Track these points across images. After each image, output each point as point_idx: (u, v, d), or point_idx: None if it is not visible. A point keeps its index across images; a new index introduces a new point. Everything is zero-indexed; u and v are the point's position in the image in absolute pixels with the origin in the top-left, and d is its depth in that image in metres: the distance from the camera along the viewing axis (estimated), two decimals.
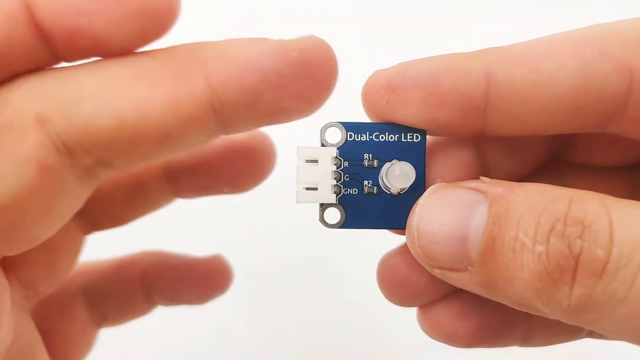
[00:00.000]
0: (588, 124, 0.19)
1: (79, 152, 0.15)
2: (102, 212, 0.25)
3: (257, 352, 0.40)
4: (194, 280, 0.27)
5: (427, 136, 0.20)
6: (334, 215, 0.20)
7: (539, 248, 0.16)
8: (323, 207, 0.20)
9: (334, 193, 0.19)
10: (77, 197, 0.17)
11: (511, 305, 0.18)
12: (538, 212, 0.16)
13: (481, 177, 0.18)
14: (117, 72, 0.16)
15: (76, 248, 0.24)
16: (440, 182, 0.20)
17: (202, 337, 0.41)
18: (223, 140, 0.24)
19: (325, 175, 0.19)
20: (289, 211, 0.35)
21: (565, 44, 0.18)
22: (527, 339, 0.22)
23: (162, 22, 0.16)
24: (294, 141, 0.20)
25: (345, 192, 0.20)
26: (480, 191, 0.18)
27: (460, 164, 0.20)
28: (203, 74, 0.16)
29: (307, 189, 0.19)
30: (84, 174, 0.16)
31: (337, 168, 0.20)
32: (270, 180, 0.25)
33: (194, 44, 0.17)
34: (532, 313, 0.17)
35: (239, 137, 0.25)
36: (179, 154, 0.18)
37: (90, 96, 0.15)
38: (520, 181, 0.22)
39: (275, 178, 0.25)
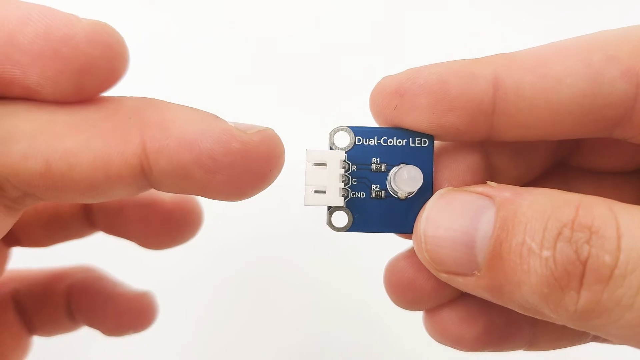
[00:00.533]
0: (595, 130, 0.19)
1: (6, 186, 0.16)
2: (21, 233, 0.25)
3: (257, 353, 0.40)
4: (111, 311, 0.27)
5: (434, 141, 0.20)
6: (341, 218, 0.20)
7: (546, 253, 0.16)
8: (330, 210, 0.20)
9: (342, 196, 0.19)
10: (3, 223, 0.17)
11: (518, 310, 0.18)
12: (545, 217, 0.16)
13: (488, 182, 0.19)
14: (56, 118, 0.16)
15: (1, 259, 0.24)
16: (447, 186, 0.20)
17: (199, 335, 0.41)
18: (149, 195, 0.25)
19: (333, 179, 0.19)
20: (296, 214, 0.35)
21: (573, 50, 0.18)
22: (533, 343, 0.22)
23: (103, 80, 0.16)
24: (303, 144, 0.21)
25: (353, 195, 0.20)
26: (487, 196, 0.18)
27: (467, 169, 0.20)
28: (141, 136, 0.16)
29: (315, 191, 0.19)
30: (11, 203, 0.17)
31: (345, 172, 0.20)
32: (280, 182, 0.25)
33: (144, 101, 0.17)
34: (539, 318, 0.17)
35: (164, 198, 0.25)
36: (103, 201, 0.18)
37: (24, 138, 0.15)
38: (526, 186, 0.22)
39: (285, 180, 0.25)
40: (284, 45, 0.48)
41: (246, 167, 0.16)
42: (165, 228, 0.25)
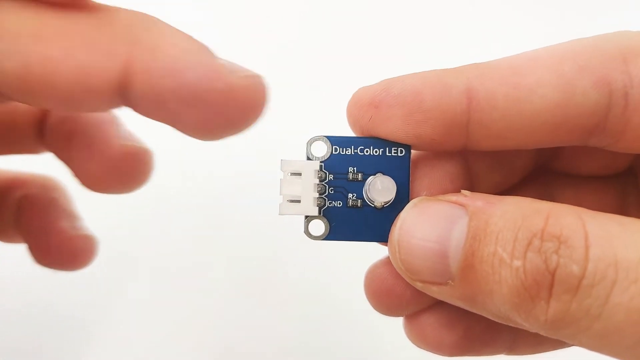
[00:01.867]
0: (569, 139, 0.19)
1: None
2: None
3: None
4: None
5: (412, 150, 0.20)
6: (318, 227, 0.20)
7: (517, 263, 0.16)
8: (308, 219, 0.20)
9: (317, 206, 0.20)
10: None
11: (492, 318, 0.18)
12: (516, 227, 0.16)
13: (462, 191, 0.19)
14: (44, 20, 0.15)
15: None
16: (425, 194, 0.20)
17: (191, 338, 0.41)
18: (99, 132, 0.23)
19: (308, 188, 0.19)
20: (275, 222, 0.35)
21: (545, 60, 0.18)
22: (513, 348, 0.22)
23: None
24: (280, 154, 0.21)
25: (330, 204, 0.20)
26: (460, 205, 0.18)
27: (446, 176, 0.21)
28: (127, 54, 0.15)
29: (291, 201, 0.20)
30: None
31: (322, 181, 0.20)
32: (259, 190, 0.25)
33: (140, 17, 0.16)
34: (513, 326, 0.18)
35: (114, 141, 0.23)
36: (76, 112, 0.18)
37: (7, 36, 0.15)
38: (507, 191, 0.23)
39: (263, 189, 0.25)
40: (265, 54, 0.48)
41: (224, 110, 0.16)
42: (108, 170, 0.23)
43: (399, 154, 0.20)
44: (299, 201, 0.19)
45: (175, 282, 0.42)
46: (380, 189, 0.19)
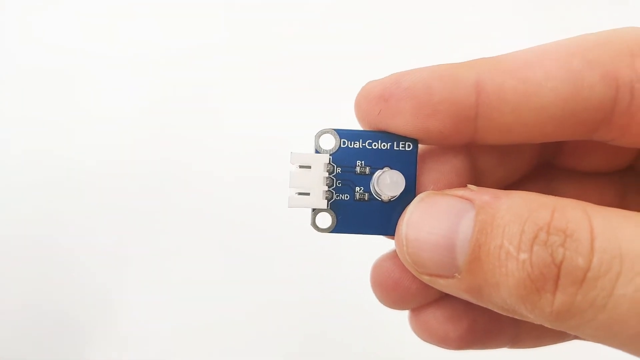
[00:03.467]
0: (576, 132, 0.19)
1: None
2: None
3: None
4: None
5: (419, 145, 0.20)
6: (325, 220, 0.20)
7: (523, 256, 0.16)
8: (315, 211, 0.20)
9: (326, 199, 0.20)
10: None
11: (497, 311, 0.18)
12: (522, 221, 0.17)
13: (468, 185, 0.19)
14: None
15: None
16: (432, 189, 0.20)
17: (200, 329, 0.41)
18: None
19: (317, 181, 0.19)
20: (282, 215, 0.35)
21: (554, 54, 0.18)
22: (516, 341, 0.22)
23: None
24: (289, 147, 0.21)
25: (337, 197, 0.20)
26: (467, 199, 0.18)
27: (453, 171, 0.21)
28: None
29: (299, 194, 0.20)
30: None
31: (330, 174, 0.20)
32: (265, 184, 0.25)
33: None
34: (518, 318, 0.18)
35: None
36: None
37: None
38: (511, 186, 0.23)
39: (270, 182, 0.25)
40: (274, 48, 0.48)
41: None
42: None
43: (407, 149, 0.20)
44: (308, 194, 0.20)
45: (178, 282, 0.42)
46: (389, 183, 0.19)
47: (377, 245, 0.23)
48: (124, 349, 0.41)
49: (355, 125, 0.21)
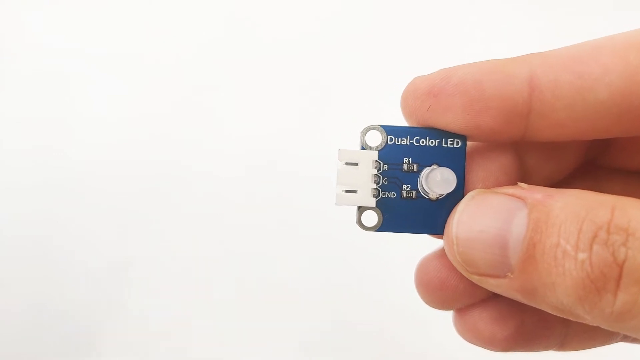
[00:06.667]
0: (631, 128, 0.18)
1: None
2: None
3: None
4: None
5: (467, 142, 0.20)
6: (371, 218, 0.20)
7: (582, 255, 0.16)
8: (360, 209, 0.20)
9: (373, 196, 0.19)
10: None
11: (550, 312, 0.18)
12: (580, 219, 0.16)
13: (519, 183, 0.18)
14: None
15: None
16: (481, 186, 0.20)
17: (194, 337, 0.41)
18: None
19: (365, 179, 0.19)
20: (324, 211, 0.35)
21: (610, 49, 0.18)
22: (564, 343, 0.22)
23: None
24: (333, 144, 0.21)
25: (383, 195, 0.20)
26: (519, 197, 0.18)
27: (501, 169, 0.20)
28: None
29: (347, 191, 0.19)
30: None
31: (377, 171, 0.20)
32: (308, 180, 0.25)
33: None
34: (572, 319, 0.17)
35: None
36: None
37: None
38: (556, 186, 0.22)
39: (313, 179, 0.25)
40: (318, 44, 0.47)
41: None
42: None
43: (455, 145, 0.20)
44: (355, 191, 0.19)
45: (184, 282, 0.42)
46: (439, 181, 0.19)
47: (416, 244, 0.23)
48: (129, 348, 0.41)
49: (396, 122, 0.20)
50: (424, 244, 0.23)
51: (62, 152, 0.47)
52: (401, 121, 0.20)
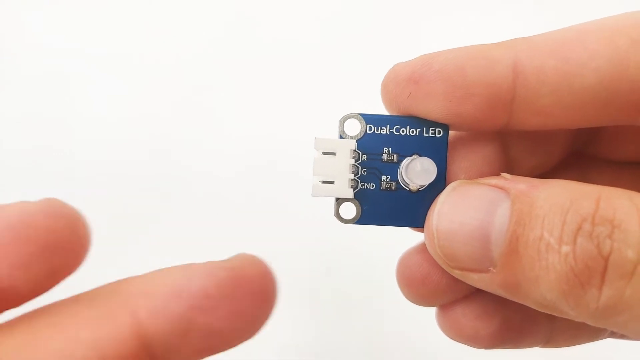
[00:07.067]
0: (619, 117, 0.18)
1: None
2: None
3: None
4: None
5: (449, 131, 0.19)
6: (349, 210, 0.19)
7: (566, 248, 0.15)
8: (339, 201, 0.19)
9: (351, 187, 0.19)
10: None
11: (535, 307, 0.17)
12: (564, 211, 0.15)
13: (502, 174, 0.18)
14: (34, 326, 0.14)
15: None
16: (464, 177, 0.19)
17: None
18: None
19: (342, 169, 0.18)
20: (302, 203, 0.34)
21: (597, 33, 0.17)
22: (550, 340, 0.21)
23: (72, 255, 0.15)
24: (310, 132, 0.20)
25: (362, 186, 0.19)
26: (501, 188, 0.17)
27: (484, 159, 0.20)
28: (128, 310, 0.14)
29: (324, 182, 0.19)
30: None
31: (355, 161, 0.19)
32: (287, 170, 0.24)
33: (119, 281, 0.15)
34: (556, 315, 0.17)
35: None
36: None
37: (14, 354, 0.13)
38: (543, 176, 0.22)
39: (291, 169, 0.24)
40: (294, 32, 0.47)
41: (242, 291, 0.15)
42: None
43: (437, 135, 0.19)
44: (332, 182, 0.18)
45: None
46: (419, 171, 0.18)
47: (400, 238, 0.22)
48: None
49: (377, 111, 0.20)
50: (408, 237, 0.22)
51: (62, 152, 0.46)
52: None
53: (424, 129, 0.19)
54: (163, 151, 0.46)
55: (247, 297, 0.15)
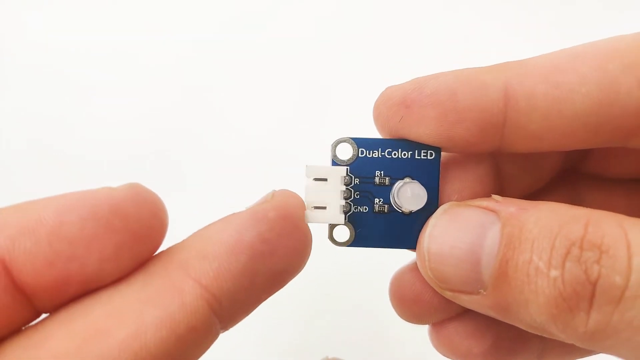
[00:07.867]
0: (609, 140, 0.18)
1: None
2: None
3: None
4: None
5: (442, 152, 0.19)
6: (343, 233, 0.19)
7: (554, 273, 0.15)
8: (332, 225, 0.19)
9: (343, 213, 0.19)
10: None
11: (525, 329, 0.17)
12: (553, 235, 0.16)
13: (493, 195, 0.18)
14: (96, 311, 0.14)
15: None
16: (455, 199, 0.19)
17: None
18: None
19: (334, 195, 0.18)
20: None
21: (587, 58, 0.17)
22: (541, 357, 0.22)
23: (153, 240, 0.15)
24: (303, 159, 0.20)
25: (355, 210, 0.19)
26: (492, 211, 0.17)
27: (476, 179, 0.20)
28: (190, 278, 0.14)
29: (316, 207, 0.19)
30: None
31: (348, 185, 0.19)
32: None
33: (167, 252, 0.15)
34: (547, 336, 0.17)
35: None
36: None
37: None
38: (535, 194, 0.22)
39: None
40: (288, 56, 0.47)
41: (291, 225, 0.16)
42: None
43: (429, 157, 0.19)
44: (324, 208, 0.19)
45: None
46: (410, 197, 0.18)
47: (395, 257, 0.22)
48: None
49: (370, 134, 0.20)
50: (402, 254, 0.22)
51: (62, 152, 0.46)
52: None
53: (416, 151, 0.19)
54: (163, 151, 0.46)
55: (296, 230, 0.16)
